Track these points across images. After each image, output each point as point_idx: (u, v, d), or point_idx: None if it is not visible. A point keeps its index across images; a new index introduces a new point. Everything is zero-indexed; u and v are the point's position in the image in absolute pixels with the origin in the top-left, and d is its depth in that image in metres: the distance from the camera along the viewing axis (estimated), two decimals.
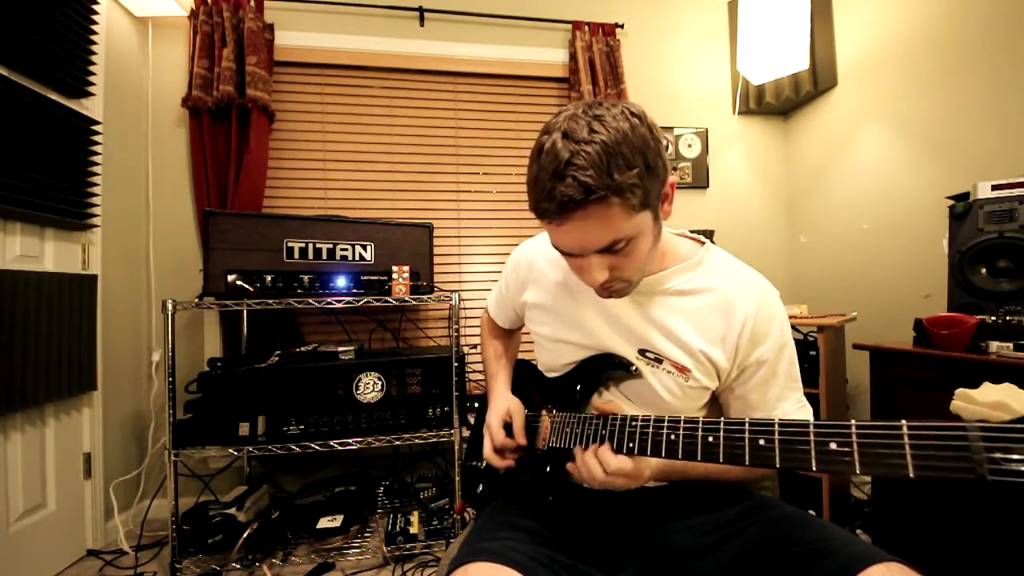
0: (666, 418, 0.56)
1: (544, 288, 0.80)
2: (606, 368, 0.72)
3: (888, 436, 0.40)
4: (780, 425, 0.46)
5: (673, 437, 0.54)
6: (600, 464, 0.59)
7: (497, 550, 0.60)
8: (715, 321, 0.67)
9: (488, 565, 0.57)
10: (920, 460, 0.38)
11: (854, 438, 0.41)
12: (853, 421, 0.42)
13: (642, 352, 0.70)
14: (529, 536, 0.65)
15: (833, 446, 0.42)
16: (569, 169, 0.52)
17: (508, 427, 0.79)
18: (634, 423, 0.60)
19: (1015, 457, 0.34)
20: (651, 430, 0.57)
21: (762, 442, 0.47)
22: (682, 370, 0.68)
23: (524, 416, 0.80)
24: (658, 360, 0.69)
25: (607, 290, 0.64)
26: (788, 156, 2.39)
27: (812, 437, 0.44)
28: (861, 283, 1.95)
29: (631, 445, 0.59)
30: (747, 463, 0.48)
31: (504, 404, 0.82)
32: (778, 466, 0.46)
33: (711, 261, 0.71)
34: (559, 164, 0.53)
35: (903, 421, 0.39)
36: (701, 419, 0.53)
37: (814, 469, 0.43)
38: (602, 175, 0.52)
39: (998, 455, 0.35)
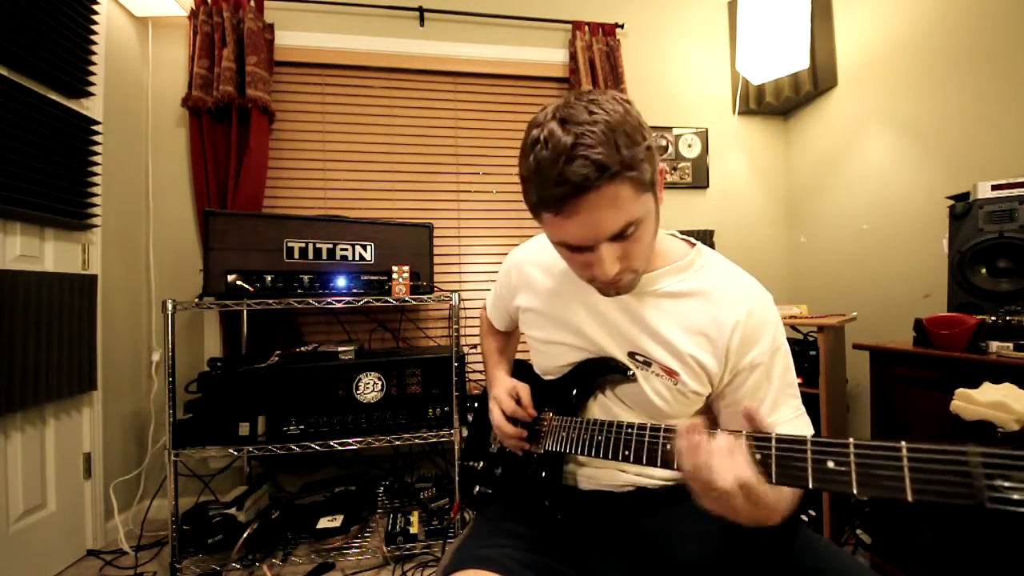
0: (662, 426, 0.55)
1: (534, 292, 0.79)
2: (602, 372, 0.71)
3: (887, 457, 0.38)
4: (777, 440, 0.45)
5: (668, 447, 0.52)
6: (734, 468, 0.45)
7: (487, 556, 0.60)
8: (704, 324, 0.65)
9: (476, 572, 0.58)
10: (919, 484, 0.36)
11: (852, 457, 0.40)
12: (851, 440, 0.41)
13: (632, 354, 0.69)
14: (521, 542, 0.65)
15: (831, 464, 0.41)
16: (577, 150, 0.51)
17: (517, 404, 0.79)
18: (630, 430, 0.58)
19: (1017, 485, 0.32)
20: (647, 438, 0.55)
21: (759, 456, 0.45)
22: (670, 374, 0.66)
23: (531, 392, 0.80)
24: (647, 363, 0.67)
25: (615, 285, 0.62)
26: (788, 156, 2.39)
27: (809, 454, 0.42)
28: (861, 283, 1.95)
29: (627, 453, 0.57)
30: None
31: (510, 382, 0.82)
32: (774, 482, 0.44)
33: (701, 263, 0.69)
34: (563, 148, 0.51)
35: (903, 442, 0.38)
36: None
37: (810, 487, 0.42)
38: (613, 151, 0.51)
39: (999, 482, 0.33)
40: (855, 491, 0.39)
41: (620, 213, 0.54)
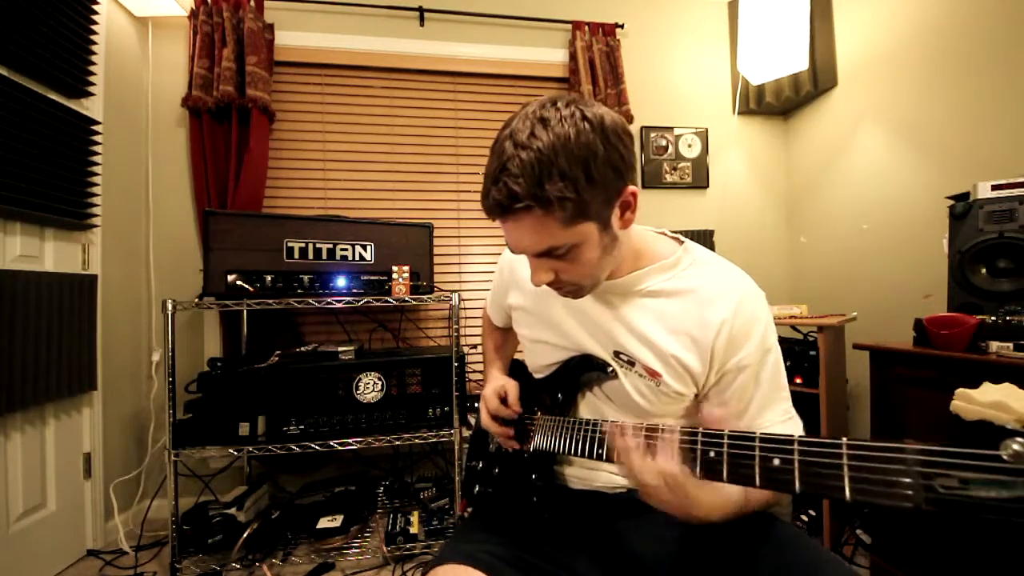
0: (631, 424, 0.55)
1: (524, 291, 0.80)
2: (585, 370, 0.71)
3: (828, 455, 0.36)
4: (729, 437, 0.44)
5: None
6: (646, 459, 0.49)
7: (467, 552, 0.61)
8: (689, 324, 0.63)
9: (454, 566, 0.59)
10: (857, 483, 0.34)
11: (796, 455, 0.39)
12: (797, 436, 0.40)
13: (616, 354, 0.68)
14: (503, 538, 0.65)
15: (776, 462, 0.40)
16: (503, 174, 0.52)
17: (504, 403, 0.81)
18: (603, 427, 0.60)
19: (955, 485, 0.30)
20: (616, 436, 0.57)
21: (712, 454, 0.45)
22: (652, 374, 0.65)
23: (519, 389, 0.80)
24: (631, 363, 0.67)
25: (558, 291, 0.64)
26: (788, 156, 2.39)
27: (758, 452, 0.41)
28: (861, 283, 1.95)
29: (600, 451, 0.59)
30: (698, 475, 0.46)
31: (500, 381, 0.83)
32: (725, 480, 0.43)
33: (689, 261, 0.68)
34: (497, 166, 0.53)
35: (844, 439, 0.36)
36: (662, 426, 0.52)
37: (758, 485, 0.41)
38: (531, 184, 0.50)
39: (938, 482, 0.31)
40: (797, 490, 0.38)
41: (540, 238, 0.56)
